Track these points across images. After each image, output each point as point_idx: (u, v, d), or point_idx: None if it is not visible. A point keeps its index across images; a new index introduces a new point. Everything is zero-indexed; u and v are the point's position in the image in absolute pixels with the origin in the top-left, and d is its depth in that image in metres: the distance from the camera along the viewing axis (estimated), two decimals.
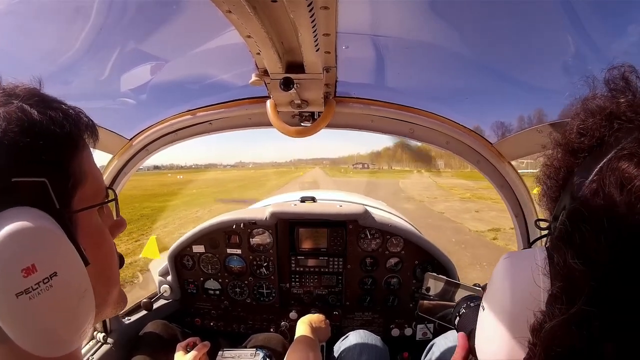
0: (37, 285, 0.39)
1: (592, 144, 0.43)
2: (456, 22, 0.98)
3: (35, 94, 0.47)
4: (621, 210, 0.36)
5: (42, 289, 0.40)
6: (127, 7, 0.96)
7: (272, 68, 0.87)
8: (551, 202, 0.50)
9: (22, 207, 0.41)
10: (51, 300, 0.41)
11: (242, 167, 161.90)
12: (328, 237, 1.68)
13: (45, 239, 0.41)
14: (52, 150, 0.45)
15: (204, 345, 1.27)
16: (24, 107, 0.43)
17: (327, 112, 1.13)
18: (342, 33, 0.77)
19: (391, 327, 1.77)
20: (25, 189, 0.41)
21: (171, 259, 1.77)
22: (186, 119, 1.34)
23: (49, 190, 0.43)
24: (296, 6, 0.59)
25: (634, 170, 0.36)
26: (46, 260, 0.41)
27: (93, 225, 0.51)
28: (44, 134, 0.44)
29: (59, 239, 0.42)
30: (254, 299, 1.80)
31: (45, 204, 0.43)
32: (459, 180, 38.59)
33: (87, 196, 0.49)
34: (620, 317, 0.35)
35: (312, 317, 1.41)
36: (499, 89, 1.27)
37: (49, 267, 0.41)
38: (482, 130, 1.29)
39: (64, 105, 0.49)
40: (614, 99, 0.43)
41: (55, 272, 0.41)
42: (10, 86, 0.46)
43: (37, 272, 0.39)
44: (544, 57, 1.03)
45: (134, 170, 1.52)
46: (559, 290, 0.40)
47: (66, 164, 0.46)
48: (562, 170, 0.47)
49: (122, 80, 1.23)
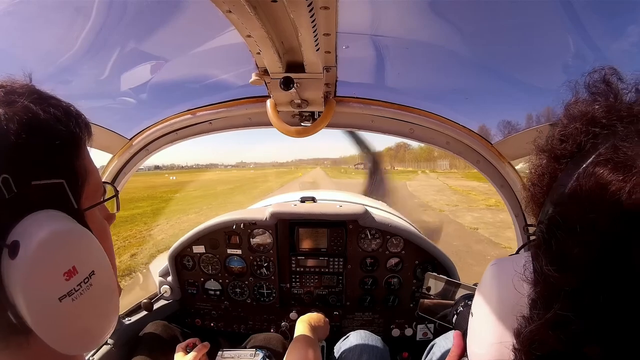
0: (79, 286, 0.40)
1: (573, 150, 0.43)
2: (456, 22, 0.98)
3: (34, 91, 0.46)
4: (595, 216, 0.36)
5: (83, 289, 0.41)
6: (127, 7, 0.96)
7: (272, 68, 0.87)
8: (537, 208, 0.50)
9: (45, 210, 0.41)
10: (91, 299, 0.42)
11: (243, 167, 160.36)
12: (328, 237, 1.68)
13: (77, 239, 0.42)
14: (62, 149, 0.44)
15: (204, 345, 1.27)
16: (30, 107, 0.42)
17: (327, 111, 1.13)
18: (342, 33, 0.77)
19: (391, 327, 1.77)
20: (45, 191, 0.41)
21: (171, 260, 1.77)
22: (186, 118, 1.34)
23: (67, 190, 0.43)
24: (296, 6, 0.59)
25: (609, 175, 0.36)
26: (84, 261, 0.42)
27: (98, 221, 0.51)
28: (52, 134, 0.43)
29: (88, 238, 0.43)
30: (254, 299, 1.80)
31: (65, 205, 0.43)
32: (470, 182, 34.20)
33: (91, 193, 0.50)
34: (597, 321, 0.35)
35: (311, 316, 1.41)
36: (499, 88, 1.28)
37: (87, 266, 0.42)
38: (482, 130, 1.29)
39: (62, 102, 0.48)
40: (594, 103, 0.43)
41: (93, 270, 0.43)
42: (8, 82, 0.45)
43: (78, 274, 0.40)
44: (544, 57, 1.03)
45: (134, 170, 1.52)
46: (537, 295, 0.41)
47: (74, 163, 0.46)
48: (546, 176, 0.47)
49: (122, 80, 1.23)
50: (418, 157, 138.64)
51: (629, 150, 0.36)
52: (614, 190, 0.35)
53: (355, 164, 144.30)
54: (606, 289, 0.35)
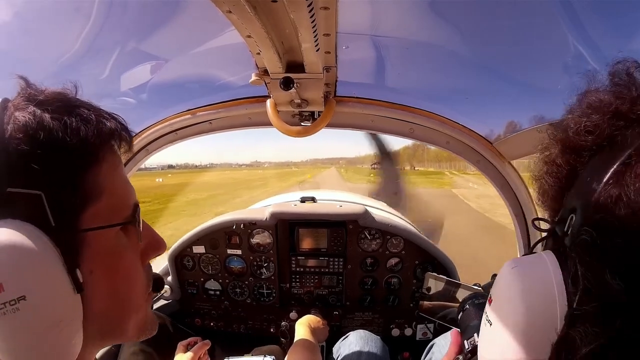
0: (3, 306, 0.36)
1: (600, 142, 0.40)
2: (456, 22, 0.98)
3: (60, 99, 0.43)
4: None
5: (7, 310, 0.36)
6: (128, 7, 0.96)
7: (272, 68, 0.87)
8: (552, 201, 0.47)
9: (13, 220, 0.38)
10: (14, 325, 0.37)
11: (258, 166, 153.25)
12: (328, 237, 1.68)
13: (21, 257, 0.37)
14: (58, 160, 0.40)
15: (204, 343, 1.27)
16: (35, 112, 0.40)
17: (327, 111, 1.13)
18: (342, 33, 0.77)
19: (391, 327, 1.77)
20: (20, 201, 0.38)
21: (171, 260, 1.77)
22: (186, 118, 1.34)
23: (44, 204, 0.39)
24: (296, 6, 0.59)
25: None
26: (16, 282, 0.37)
27: (108, 246, 0.45)
28: (51, 141, 0.40)
29: (40, 259, 0.38)
30: (254, 299, 1.80)
31: (42, 219, 0.39)
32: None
33: (102, 214, 0.44)
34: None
35: (310, 319, 1.41)
36: (499, 89, 1.28)
37: (17, 289, 0.37)
38: (482, 130, 1.29)
39: (88, 110, 0.45)
40: (619, 94, 0.40)
41: (24, 295, 0.37)
42: (37, 91, 0.43)
43: (3, 292, 0.36)
44: (544, 57, 1.03)
45: (134, 171, 1.52)
46: (593, 309, 0.36)
47: (76, 177, 0.42)
48: (564, 168, 0.44)
49: (122, 80, 1.23)
50: (439, 157, 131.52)
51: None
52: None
53: (372, 164, 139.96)
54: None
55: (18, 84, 0.45)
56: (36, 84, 0.45)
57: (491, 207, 14.18)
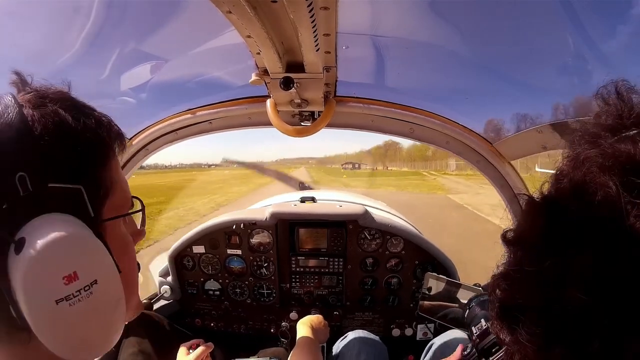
0: (78, 293, 0.40)
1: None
2: (456, 22, 0.98)
3: (68, 98, 0.46)
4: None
5: (83, 296, 0.40)
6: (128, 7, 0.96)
7: (272, 68, 0.87)
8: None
9: (58, 213, 0.41)
10: (90, 308, 0.41)
11: (227, 166, 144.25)
12: (328, 237, 1.68)
13: (85, 246, 0.41)
14: (86, 157, 0.45)
15: (207, 346, 1.27)
16: (59, 112, 0.43)
17: (327, 111, 1.13)
18: (342, 33, 0.77)
19: (392, 327, 1.77)
20: (61, 195, 0.41)
21: (171, 260, 1.77)
22: (186, 118, 1.34)
23: (84, 197, 0.43)
24: (296, 6, 0.59)
25: None
26: (87, 268, 0.41)
27: (119, 233, 0.51)
28: (79, 140, 0.44)
29: (97, 247, 0.43)
30: (254, 299, 1.80)
31: (80, 211, 0.43)
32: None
33: (116, 205, 0.49)
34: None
35: (312, 319, 1.41)
36: (499, 89, 1.28)
37: (90, 275, 0.41)
38: (482, 130, 1.29)
39: (95, 112, 0.49)
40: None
41: (96, 280, 0.42)
42: (43, 88, 0.46)
43: (79, 280, 0.40)
44: (544, 57, 1.03)
45: (134, 170, 1.52)
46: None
47: (98, 172, 0.46)
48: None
49: (122, 80, 1.23)
50: (412, 156, 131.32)
51: None
52: None
53: (343, 164, 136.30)
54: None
55: (11, 79, 0.47)
56: (27, 79, 0.47)
57: (487, 208, 10.89)
